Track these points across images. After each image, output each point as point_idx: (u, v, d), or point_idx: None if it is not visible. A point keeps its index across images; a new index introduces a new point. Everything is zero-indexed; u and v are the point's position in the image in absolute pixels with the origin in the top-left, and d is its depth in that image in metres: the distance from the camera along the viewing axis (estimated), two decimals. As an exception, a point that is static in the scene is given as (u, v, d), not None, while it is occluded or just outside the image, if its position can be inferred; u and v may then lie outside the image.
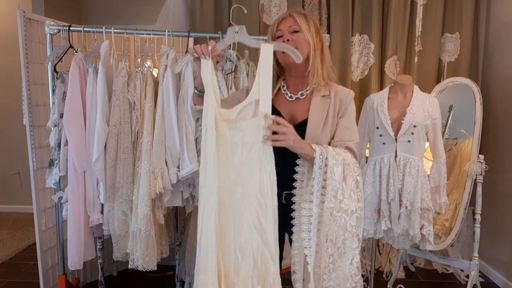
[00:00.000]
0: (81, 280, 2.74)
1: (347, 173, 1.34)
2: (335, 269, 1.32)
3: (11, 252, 3.30)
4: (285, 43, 1.39)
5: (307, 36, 1.41)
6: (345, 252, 1.32)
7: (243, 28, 1.40)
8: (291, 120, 1.44)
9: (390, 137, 2.20)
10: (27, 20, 2.22)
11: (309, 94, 1.46)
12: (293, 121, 1.44)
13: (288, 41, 1.40)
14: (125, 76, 2.13)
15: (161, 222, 2.21)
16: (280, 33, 1.43)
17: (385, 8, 3.04)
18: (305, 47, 1.41)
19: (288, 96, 1.48)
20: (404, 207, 2.19)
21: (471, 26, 3.01)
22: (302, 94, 1.47)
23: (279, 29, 1.43)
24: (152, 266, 2.15)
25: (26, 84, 2.26)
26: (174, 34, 2.26)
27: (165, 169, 2.11)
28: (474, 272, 2.49)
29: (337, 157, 1.33)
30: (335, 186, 1.31)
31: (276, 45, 1.38)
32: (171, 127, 2.11)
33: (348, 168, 1.34)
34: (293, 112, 1.46)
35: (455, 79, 2.80)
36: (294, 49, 1.35)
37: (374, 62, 3.05)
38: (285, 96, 1.49)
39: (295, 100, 1.47)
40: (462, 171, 2.63)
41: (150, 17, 3.88)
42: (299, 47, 1.39)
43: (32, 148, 2.30)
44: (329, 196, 1.30)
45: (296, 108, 1.46)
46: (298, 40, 1.40)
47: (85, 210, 2.19)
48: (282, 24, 1.43)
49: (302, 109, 1.45)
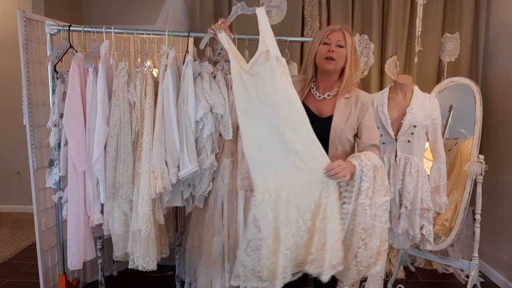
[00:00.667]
0: (81, 280, 2.74)
1: (376, 174, 1.60)
2: (366, 249, 1.60)
3: (11, 252, 3.30)
4: (330, 52, 1.69)
5: (348, 52, 1.71)
6: (374, 235, 1.59)
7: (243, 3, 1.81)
8: (319, 114, 1.74)
9: (390, 137, 2.20)
10: (27, 20, 2.22)
11: (334, 95, 1.76)
12: (321, 115, 1.74)
13: (333, 51, 1.69)
14: (125, 76, 2.13)
15: (161, 222, 2.21)
16: (328, 41, 1.71)
17: (385, 8, 3.04)
18: (342, 60, 1.71)
19: (317, 96, 1.78)
20: (404, 207, 2.19)
21: (471, 26, 3.01)
22: (329, 95, 1.77)
23: (328, 37, 1.71)
24: (152, 266, 2.14)
25: (26, 84, 2.26)
26: (174, 34, 2.26)
27: (165, 169, 2.11)
28: (474, 272, 2.49)
29: (369, 163, 1.59)
30: (368, 187, 1.57)
31: (266, 6, 1.78)
32: (171, 127, 2.11)
33: (377, 170, 1.60)
34: (320, 109, 1.75)
35: (455, 79, 2.80)
36: (280, 5, 1.97)
37: (374, 62, 3.05)
38: (314, 95, 1.78)
39: (322, 99, 1.77)
40: (462, 171, 2.63)
41: (150, 17, 3.87)
42: (339, 60, 1.70)
43: (32, 148, 2.30)
44: (362, 195, 1.57)
45: (323, 105, 1.75)
46: (341, 54, 1.70)
47: (85, 210, 2.18)
48: (332, 35, 1.71)
49: (328, 107, 1.74)
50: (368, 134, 1.74)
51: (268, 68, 1.58)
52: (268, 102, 1.57)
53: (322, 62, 1.72)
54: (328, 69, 1.72)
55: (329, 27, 1.76)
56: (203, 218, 2.32)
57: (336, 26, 1.74)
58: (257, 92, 1.59)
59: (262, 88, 1.58)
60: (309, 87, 1.80)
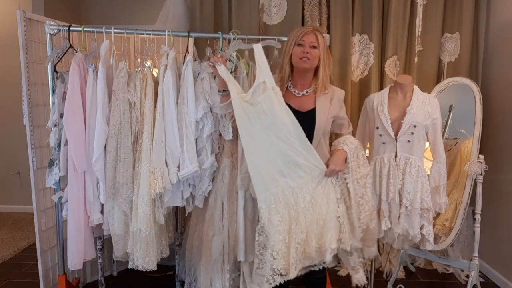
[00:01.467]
0: (81, 280, 2.75)
1: (358, 152, 1.94)
2: (365, 211, 1.95)
3: (11, 252, 3.30)
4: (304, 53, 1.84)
5: (321, 52, 1.86)
6: (367, 199, 1.95)
7: (240, 40, 2.11)
8: (300, 108, 1.90)
9: (390, 137, 2.20)
10: (27, 20, 2.22)
11: (312, 92, 1.94)
12: (302, 109, 1.90)
13: (308, 53, 1.84)
14: (125, 76, 2.13)
15: (161, 222, 2.21)
16: (302, 43, 1.85)
17: (385, 8, 3.04)
18: (316, 60, 1.87)
19: (296, 93, 1.94)
20: (404, 207, 2.19)
21: (471, 26, 3.01)
22: (307, 92, 1.94)
23: (302, 39, 1.85)
24: (152, 266, 2.14)
25: (26, 84, 2.26)
26: (174, 34, 2.26)
27: (165, 169, 2.11)
28: (474, 272, 2.49)
29: (352, 146, 1.93)
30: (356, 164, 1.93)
31: (262, 42, 2.00)
32: (171, 127, 2.11)
33: (358, 149, 1.95)
34: (300, 104, 1.92)
35: (455, 79, 2.80)
36: (275, 42, 2.10)
37: (374, 62, 3.05)
38: (293, 93, 1.95)
39: (301, 96, 1.94)
40: (462, 171, 2.63)
41: (150, 17, 3.88)
42: (313, 59, 1.86)
43: (32, 148, 2.30)
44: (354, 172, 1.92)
45: (302, 101, 1.92)
46: (315, 54, 1.85)
47: (85, 210, 2.19)
48: (306, 37, 1.85)
49: (308, 102, 1.92)
50: (347, 128, 2.05)
51: (267, 98, 1.83)
52: (270, 127, 1.83)
53: (298, 62, 1.86)
54: (305, 68, 1.87)
55: (302, 29, 1.89)
56: (203, 218, 2.32)
57: (308, 28, 1.88)
58: (259, 119, 1.84)
59: (264, 116, 1.83)
60: (287, 85, 1.96)
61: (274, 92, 1.83)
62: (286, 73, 1.93)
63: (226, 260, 2.30)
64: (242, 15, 3.02)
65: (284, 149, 1.82)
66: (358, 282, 1.98)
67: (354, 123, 2.32)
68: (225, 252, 2.29)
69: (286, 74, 1.93)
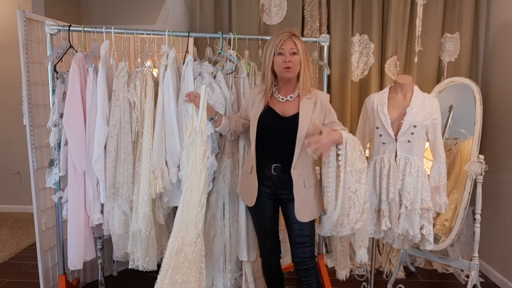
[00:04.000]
0: (81, 280, 2.74)
1: (355, 145, 1.88)
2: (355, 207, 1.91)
3: (11, 252, 3.30)
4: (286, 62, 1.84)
5: (301, 57, 1.86)
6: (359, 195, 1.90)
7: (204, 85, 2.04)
8: (284, 114, 1.91)
9: (390, 137, 2.20)
10: (27, 20, 2.22)
11: (296, 96, 1.93)
12: (285, 114, 1.91)
13: (290, 61, 1.83)
14: (125, 76, 2.13)
15: (161, 222, 2.21)
16: (282, 51, 1.84)
17: (385, 8, 3.04)
18: (298, 66, 1.87)
19: (280, 98, 1.95)
20: (404, 207, 2.19)
21: (471, 26, 3.01)
22: (291, 97, 1.94)
23: (281, 48, 1.84)
24: (152, 266, 2.15)
25: (26, 84, 2.26)
26: (174, 34, 2.26)
27: (165, 169, 2.11)
28: (474, 272, 2.49)
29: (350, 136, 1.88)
30: (352, 155, 1.87)
31: (207, 86, 2.08)
32: (171, 127, 2.11)
33: (354, 142, 1.89)
34: (284, 110, 1.92)
35: (455, 79, 2.80)
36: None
37: (374, 62, 3.05)
38: (278, 98, 1.95)
39: (285, 101, 1.94)
40: (462, 171, 2.63)
41: (150, 17, 3.88)
42: (295, 67, 1.85)
43: (32, 148, 2.30)
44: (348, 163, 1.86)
45: (286, 106, 1.93)
46: (296, 61, 1.86)
47: (85, 210, 2.19)
48: (284, 45, 1.84)
49: (292, 107, 1.92)
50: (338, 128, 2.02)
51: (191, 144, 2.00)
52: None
53: (281, 72, 1.87)
54: (288, 77, 1.88)
55: (278, 37, 1.86)
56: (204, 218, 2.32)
57: (285, 36, 1.85)
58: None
59: None
60: (272, 92, 1.97)
61: (201, 137, 1.99)
62: (269, 81, 1.93)
63: (228, 260, 2.30)
64: (242, 15, 3.02)
65: None
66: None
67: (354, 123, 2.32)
68: (227, 252, 2.30)
69: (269, 83, 1.93)
